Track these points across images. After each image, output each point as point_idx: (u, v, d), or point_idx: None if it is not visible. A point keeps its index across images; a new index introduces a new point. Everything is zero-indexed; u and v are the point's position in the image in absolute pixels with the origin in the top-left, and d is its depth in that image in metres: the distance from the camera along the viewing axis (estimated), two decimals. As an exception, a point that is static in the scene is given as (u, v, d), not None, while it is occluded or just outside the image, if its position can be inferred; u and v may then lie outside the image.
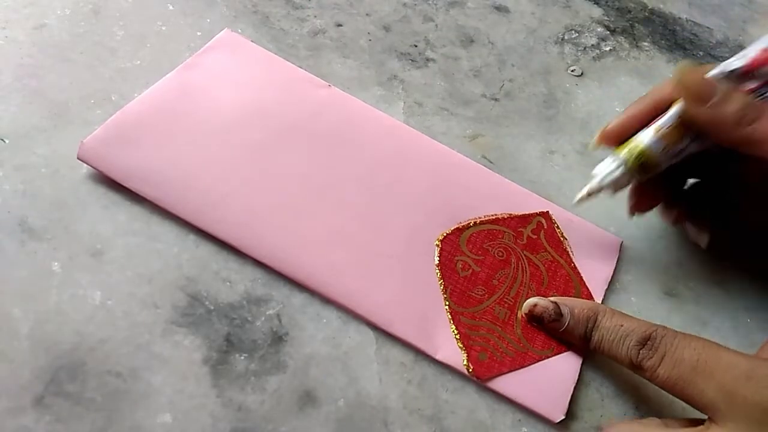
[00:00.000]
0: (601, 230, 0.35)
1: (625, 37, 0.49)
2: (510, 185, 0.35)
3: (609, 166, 0.30)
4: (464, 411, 0.27)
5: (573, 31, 0.48)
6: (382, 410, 0.26)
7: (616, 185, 0.30)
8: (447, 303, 0.30)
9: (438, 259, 0.31)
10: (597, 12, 0.50)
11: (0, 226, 0.27)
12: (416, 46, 0.42)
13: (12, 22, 0.34)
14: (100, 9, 0.37)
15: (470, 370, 0.28)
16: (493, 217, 0.33)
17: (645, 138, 0.29)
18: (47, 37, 0.34)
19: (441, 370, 0.28)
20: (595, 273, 0.33)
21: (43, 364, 0.24)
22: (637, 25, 0.51)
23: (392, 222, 0.32)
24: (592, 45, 0.47)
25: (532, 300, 0.30)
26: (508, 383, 0.28)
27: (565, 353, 0.30)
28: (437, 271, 0.31)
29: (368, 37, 0.41)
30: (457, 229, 0.32)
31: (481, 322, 0.30)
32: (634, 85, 0.45)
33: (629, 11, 0.52)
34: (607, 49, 0.47)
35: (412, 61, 0.41)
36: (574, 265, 0.33)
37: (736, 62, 0.28)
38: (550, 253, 0.33)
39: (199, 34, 0.37)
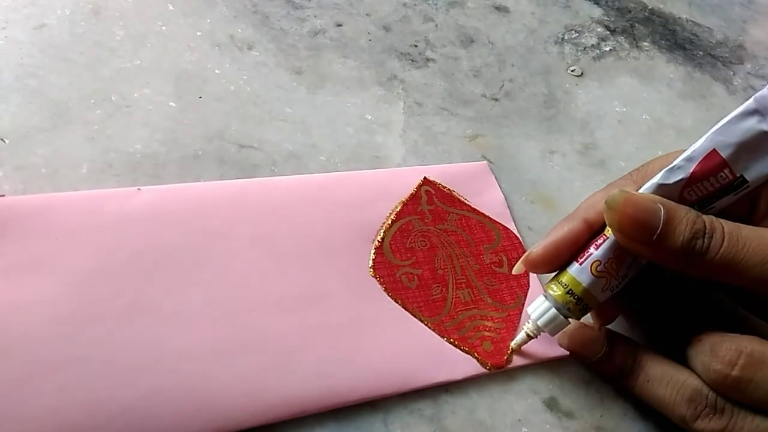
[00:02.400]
0: (468, 164, 0.36)
1: (625, 37, 0.49)
2: (375, 174, 0.33)
3: (545, 309, 0.26)
4: (464, 411, 0.27)
5: (573, 31, 0.48)
6: (382, 410, 0.26)
7: (555, 330, 0.27)
8: (423, 321, 0.28)
9: (383, 286, 0.29)
10: (597, 12, 0.50)
11: (0, 226, 0.27)
12: (416, 46, 0.42)
13: (12, 22, 0.34)
14: (100, 9, 0.37)
15: (488, 366, 0.27)
16: (393, 214, 0.31)
17: (582, 277, 0.25)
18: (47, 37, 0.34)
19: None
20: (492, 205, 0.34)
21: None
22: (637, 25, 0.51)
23: (316, 289, 0.28)
24: (592, 45, 0.47)
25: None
26: (522, 354, 0.28)
27: (528, 290, 0.30)
28: (391, 298, 0.28)
29: (368, 37, 0.41)
30: (377, 248, 0.30)
31: (461, 316, 0.29)
32: (634, 85, 0.45)
33: (629, 11, 0.52)
34: (607, 49, 0.47)
35: (412, 61, 0.41)
36: (475, 209, 0.33)
37: (673, 175, 0.24)
38: (454, 213, 0.33)
39: (199, 34, 0.37)
